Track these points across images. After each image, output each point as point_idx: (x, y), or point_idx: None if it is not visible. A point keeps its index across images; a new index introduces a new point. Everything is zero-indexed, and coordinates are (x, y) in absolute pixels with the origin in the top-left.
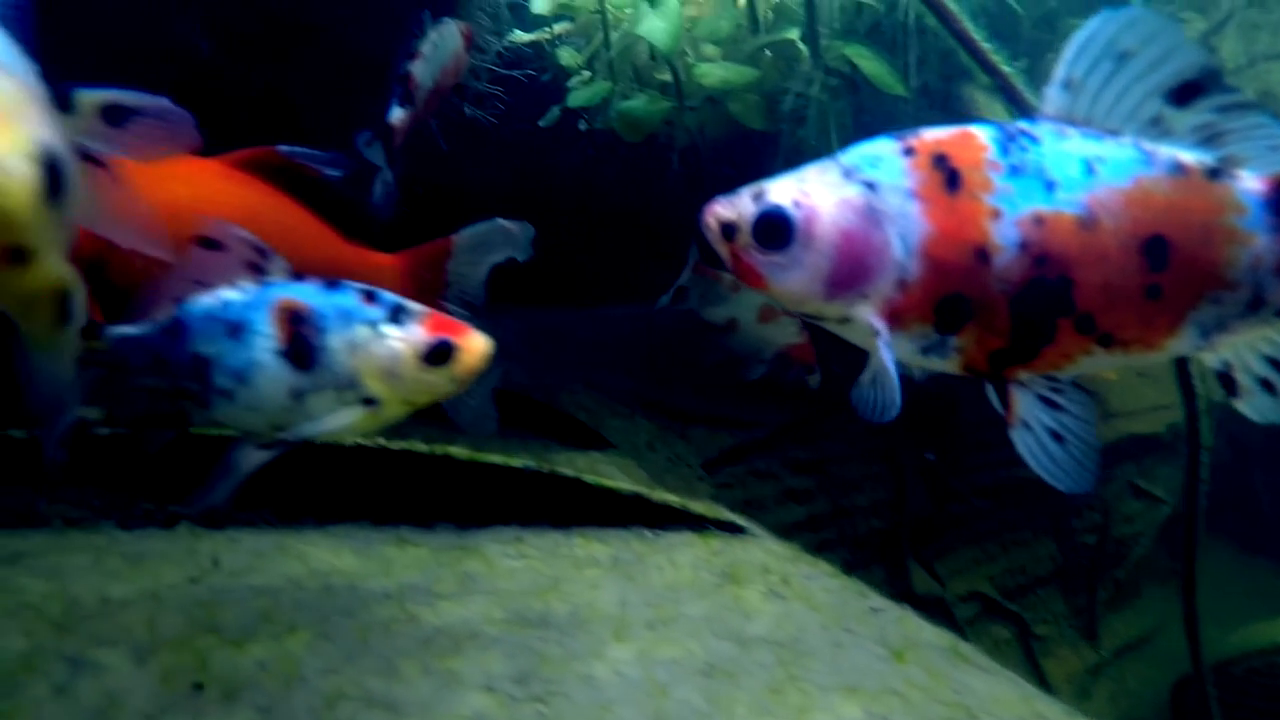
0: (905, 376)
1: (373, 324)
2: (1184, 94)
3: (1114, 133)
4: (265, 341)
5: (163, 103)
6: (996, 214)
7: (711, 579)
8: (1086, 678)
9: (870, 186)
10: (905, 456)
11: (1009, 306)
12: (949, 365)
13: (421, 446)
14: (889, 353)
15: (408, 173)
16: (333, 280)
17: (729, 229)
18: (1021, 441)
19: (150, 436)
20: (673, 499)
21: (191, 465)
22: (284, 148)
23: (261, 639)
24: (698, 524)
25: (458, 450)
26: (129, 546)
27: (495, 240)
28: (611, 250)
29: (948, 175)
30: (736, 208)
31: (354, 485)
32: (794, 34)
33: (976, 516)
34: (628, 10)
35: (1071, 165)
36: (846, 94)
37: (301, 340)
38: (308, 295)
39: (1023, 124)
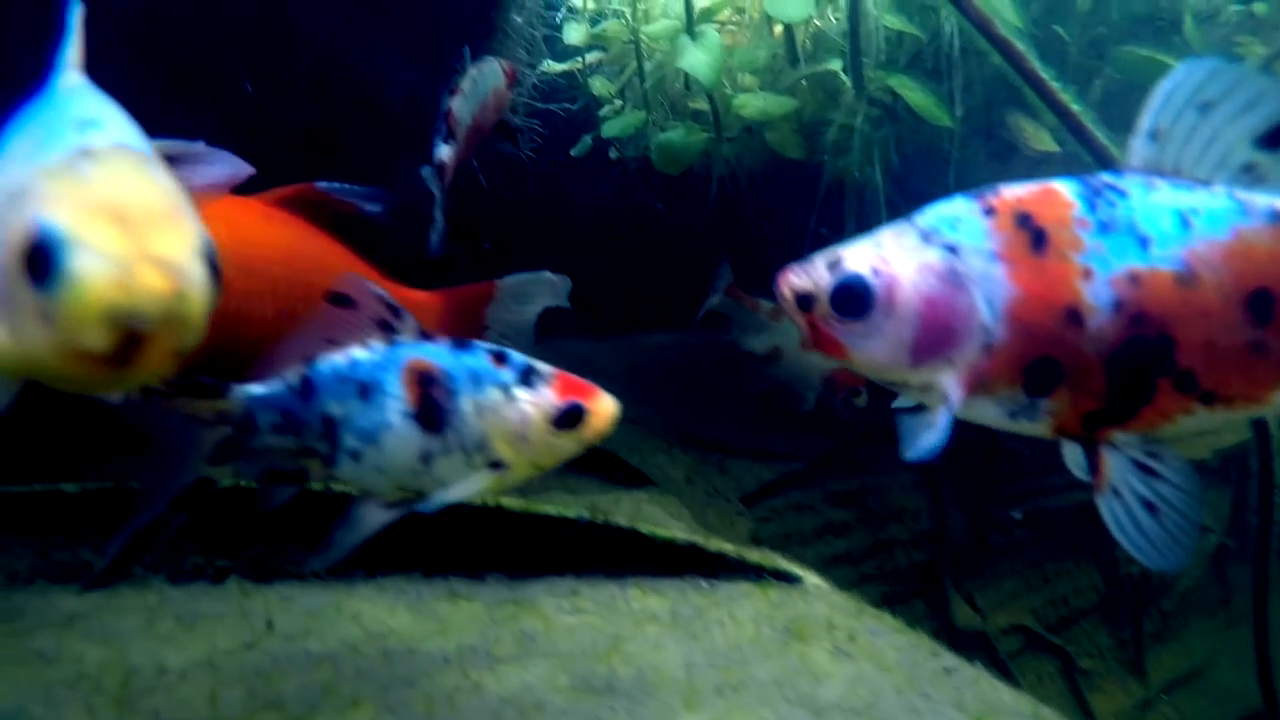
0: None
1: (504, 387)
2: (1276, 139)
3: (1204, 182)
4: (396, 403)
5: (206, 148)
6: (1088, 273)
7: (775, 636)
8: (1135, 714)
9: (951, 249)
10: (945, 487)
11: (1104, 368)
12: (1040, 429)
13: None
14: (948, 416)
15: (451, 210)
16: (463, 341)
17: (805, 300)
18: (1109, 509)
19: (269, 495)
20: (729, 549)
21: (237, 518)
22: (322, 184)
23: (326, 714)
24: (754, 572)
25: (510, 501)
26: (181, 605)
27: (539, 290)
28: (649, 279)
29: (1033, 235)
30: (812, 277)
31: (404, 536)
32: (836, 64)
33: (1017, 546)
34: (662, 40)
35: (1164, 219)
36: (888, 123)
37: (432, 403)
38: (438, 356)
39: (1107, 177)
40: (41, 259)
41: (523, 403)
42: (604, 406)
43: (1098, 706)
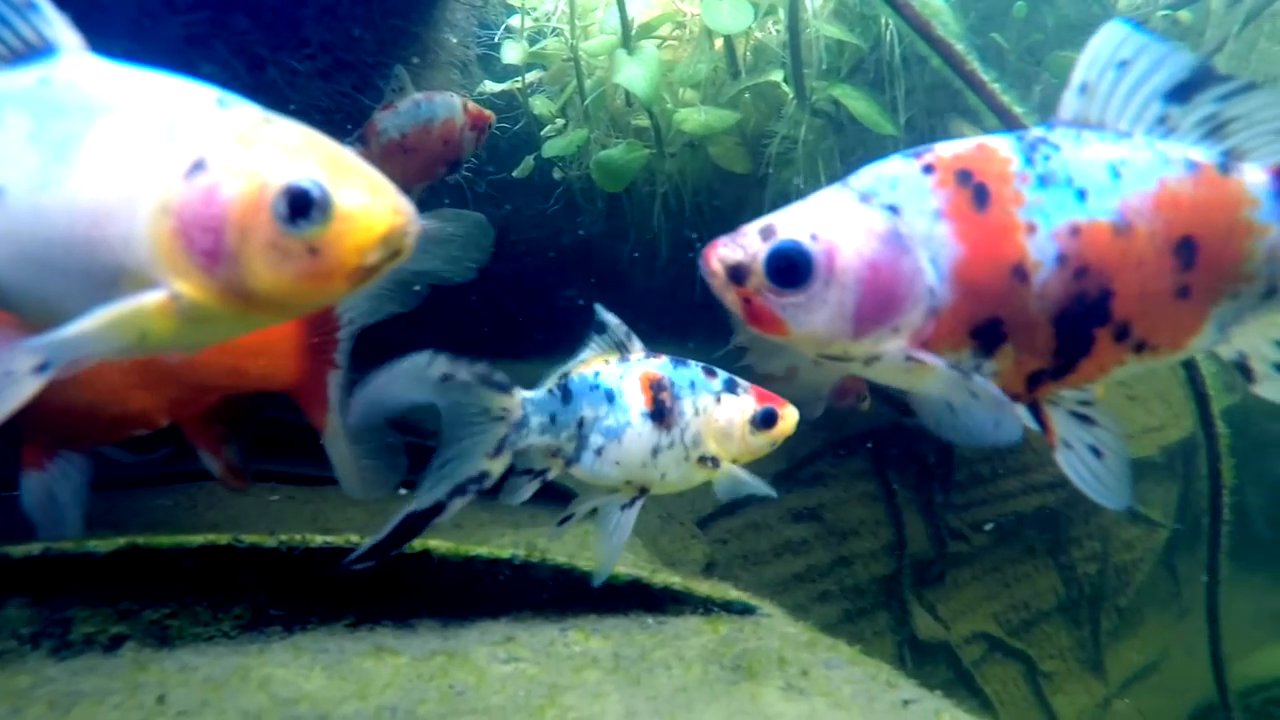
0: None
1: (715, 394)
2: (1182, 92)
3: (1126, 134)
4: (636, 405)
5: None
6: (1032, 228)
7: (724, 675)
8: (1097, 712)
9: (892, 210)
10: (902, 498)
11: (1051, 324)
12: None
13: None
14: (952, 369)
15: None
16: (679, 359)
17: (737, 272)
18: (1066, 461)
19: (516, 489)
20: (675, 582)
21: (136, 577)
22: None
23: None
24: (703, 605)
25: (439, 544)
26: (59, 686)
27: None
28: (590, 297)
29: (975, 191)
30: (744, 247)
31: (331, 585)
32: (777, 75)
33: (977, 554)
34: (601, 57)
35: (1098, 170)
36: (832, 134)
37: (661, 404)
38: (663, 369)
39: (1038, 130)
40: (302, 203)
41: (729, 406)
42: (790, 412)
43: (1060, 708)
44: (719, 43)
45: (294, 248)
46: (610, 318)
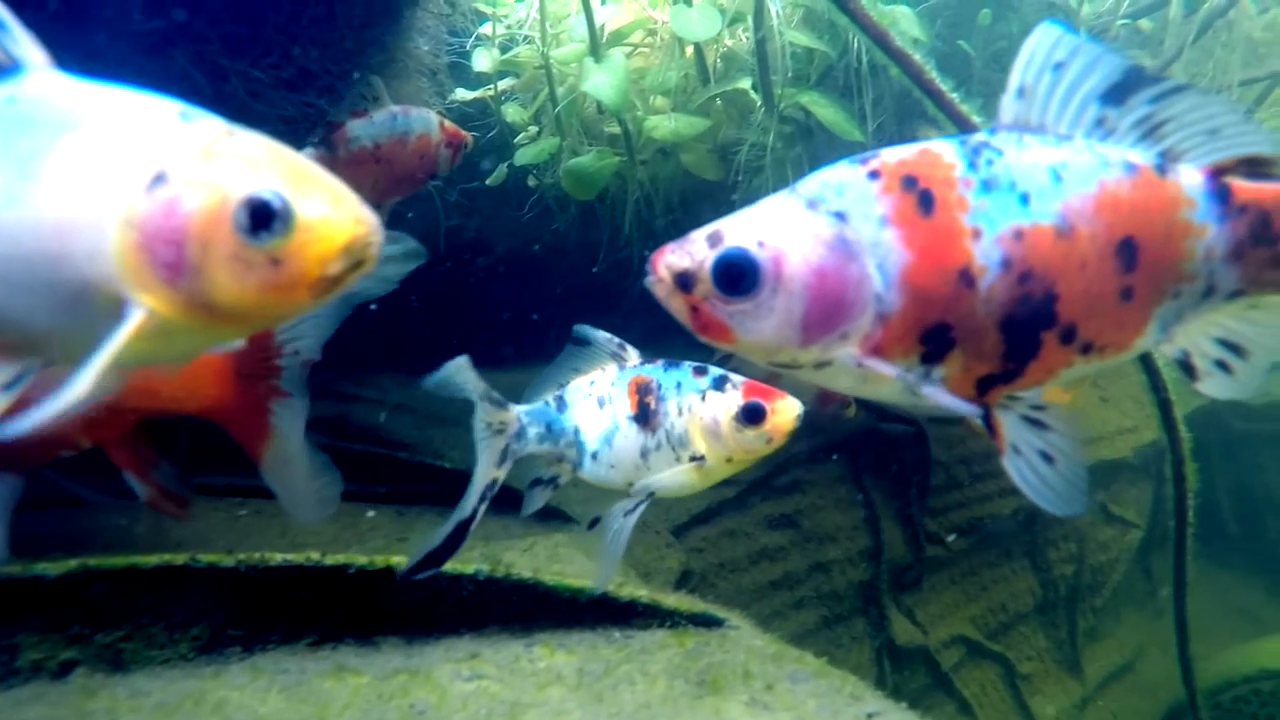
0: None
1: (700, 391)
2: (1116, 94)
3: (1066, 137)
4: (622, 409)
5: None
6: (977, 233)
7: (688, 690)
8: (1074, 712)
9: (839, 216)
10: (879, 502)
11: (998, 328)
12: None
13: (361, 559)
14: (908, 375)
15: None
16: (673, 362)
17: (685, 280)
18: (1014, 467)
19: (532, 500)
20: (642, 595)
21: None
22: None
23: None
24: (670, 619)
25: (402, 560)
26: (4, 716)
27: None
28: (565, 306)
29: (921, 197)
30: (691, 254)
31: (293, 602)
32: (746, 83)
33: (954, 557)
34: (573, 64)
35: (1040, 174)
36: (802, 141)
37: (645, 406)
38: (653, 372)
39: (982, 135)
40: (263, 214)
41: (714, 403)
42: (785, 405)
43: (1039, 709)
44: (690, 50)
45: (256, 259)
46: (596, 333)
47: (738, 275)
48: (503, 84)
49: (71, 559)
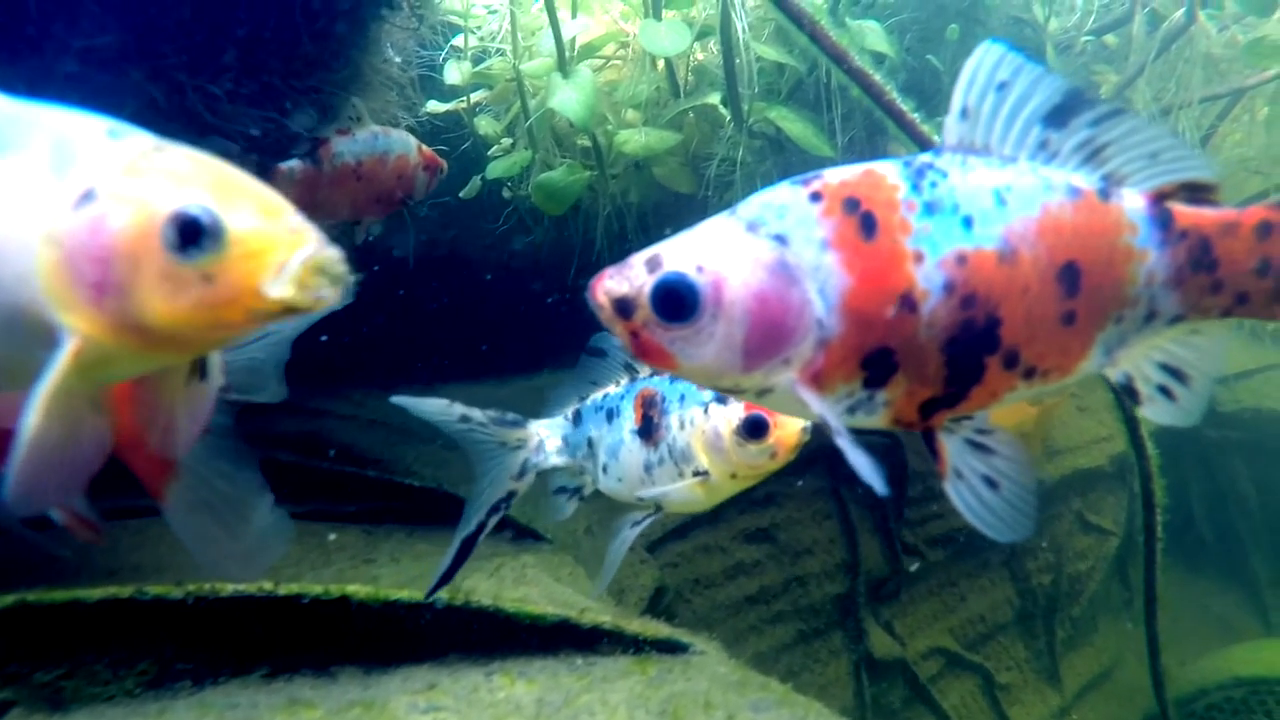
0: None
1: (703, 405)
2: (1058, 117)
3: (1011, 159)
4: (627, 422)
5: None
6: (919, 257)
7: None
8: None
9: (780, 240)
10: (856, 515)
11: (940, 352)
12: (877, 421)
13: (315, 589)
14: (832, 414)
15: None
16: None
17: (624, 306)
18: (956, 492)
19: (559, 508)
20: (605, 621)
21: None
22: None
23: None
24: (634, 645)
25: (358, 589)
26: None
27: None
28: (540, 319)
29: (863, 220)
30: (630, 280)
31: (244, 635)
32: (715, 98)
33: (932, 569)
34: (542, 78)
35: (984, 197)
36: (772, 155)
37: (648, 419)
38: (659, 384)
39: (926, 156)
40: (191, 230)
41: (716, 416)
42: (789, 420)
43: (1018, 719)
44: (661, 63)
45: (187, 276)
46: (611, 344)
47: (677, 301)
48: (475, 96)
49: (9, 594)
